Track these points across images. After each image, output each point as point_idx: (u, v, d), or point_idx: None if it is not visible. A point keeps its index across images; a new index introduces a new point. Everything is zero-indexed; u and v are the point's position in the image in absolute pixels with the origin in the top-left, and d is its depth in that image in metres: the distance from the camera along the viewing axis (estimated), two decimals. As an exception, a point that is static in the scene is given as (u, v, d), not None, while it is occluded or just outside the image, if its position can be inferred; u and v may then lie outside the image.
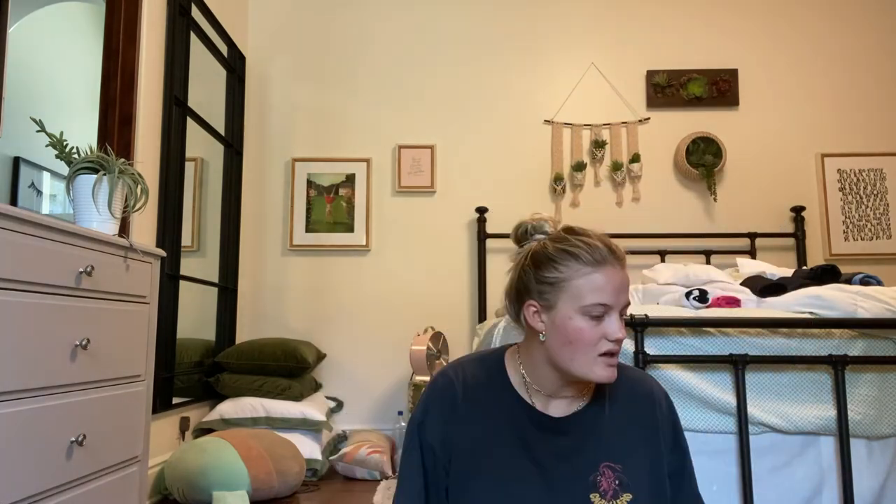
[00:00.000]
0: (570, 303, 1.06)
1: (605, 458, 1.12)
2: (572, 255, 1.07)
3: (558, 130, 3.88)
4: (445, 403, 1.15)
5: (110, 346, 1.71)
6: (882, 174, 3.84)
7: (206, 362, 3.25)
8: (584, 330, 1.06)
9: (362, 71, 3.92)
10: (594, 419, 1.15)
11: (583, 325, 1.06)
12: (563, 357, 1.08)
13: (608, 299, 1.05)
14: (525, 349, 1.17)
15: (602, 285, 1.05)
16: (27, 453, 1.38)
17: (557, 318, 1.08)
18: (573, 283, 1.06)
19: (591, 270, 1.06)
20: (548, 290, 1.09)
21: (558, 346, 1.08)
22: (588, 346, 1.06)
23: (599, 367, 1.07)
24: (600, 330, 1.06)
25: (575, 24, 3.98)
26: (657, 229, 3.80)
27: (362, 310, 3.75)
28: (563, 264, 1.08)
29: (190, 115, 3.06)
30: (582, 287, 1.06)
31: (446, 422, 1.14)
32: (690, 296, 1.97)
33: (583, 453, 1.12)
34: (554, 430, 1.14)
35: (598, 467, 1.12)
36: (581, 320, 1.06)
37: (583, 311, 1.06)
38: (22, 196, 2.43)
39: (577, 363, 1.07)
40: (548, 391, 1.15)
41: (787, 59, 3.97)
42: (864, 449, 1.79)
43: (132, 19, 2.56)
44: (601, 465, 1.12)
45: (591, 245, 1.07)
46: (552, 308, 1.08)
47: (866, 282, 2.15)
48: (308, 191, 3.80)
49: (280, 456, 2.60)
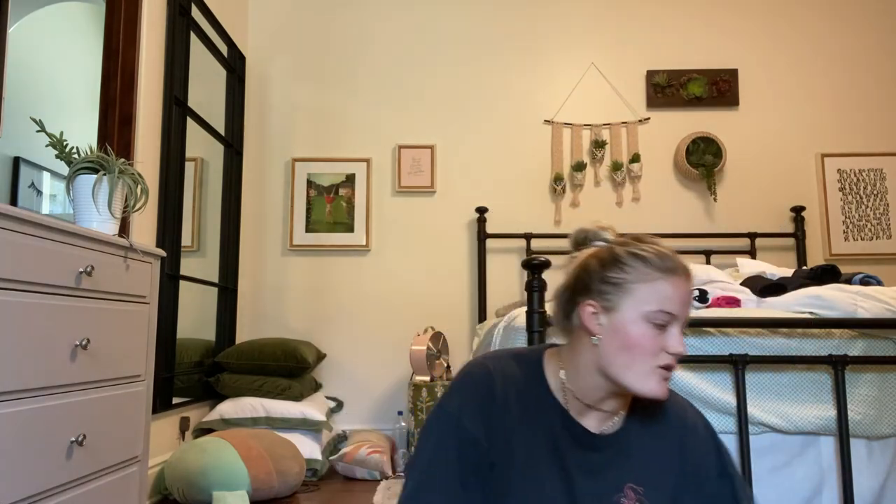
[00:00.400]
0: (635, 307, 1.02)
1: (630, 480, 1.09)
2: (642, 259, 1.04)
3: (558, 130, 3.88)
4: (485, 395, 1.08)
5: (110, 346, 1.71)
6: (882, 174, 3.84)
7: (206, 362, 3.25)
8: (645, 336, 1.02)
9: (362, 71, 3.92)
10: (625, 439, 1.12)
11: (645, 331, 1.02)
12: (618, 363, 1.03)
13: (674, 309, 1.02)
14: (569, 353, 1.12)
15: (670, 294, 1.02)
16: (27, 453, 1.38)
17: (618, 320, 1.03)
18: (640, 287, 1.03)
19: (660, 277, 1.03)
20: (611, 291, 1.05)
21: (614, 350, 1.03)
22: (647, 354, 1.02)
23: (654, 379, 1.02)
24: (661, 340, 1.02)
25: (575, 24, 3.98)
26: (657, 229, 3.80)
27: (362, 310, 3.75)
28: (631, 267, 1.04)
29: (190, 115, 3.06)
30: (649, 292, 1.02)
31: (487, 415, 1.07)
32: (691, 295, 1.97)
33: (609, 471, 1.09)
34: (587, 443, 1.10)
35: (622, 488, 1.09)
36: (644, 326, 1.02)
37: (647, 318, 1.02)
38: (22, 196, 2.43)
39: (632, 372, 1.02)
40: (588, 400, 1.09)
41: (787, 59, 3.97)
42: (864, 449, 1.79)
43: (132, 19, 2.56)
44: (625, 485, 1.09)
45: (662, 253, 1.05)
46: (613, 310, 1.04)
47: (866, 282, 2.15)
48: (308, 191, 3.80)
49: (280, 456, 2.60)
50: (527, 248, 3.75)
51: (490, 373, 1.10)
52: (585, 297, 1.07)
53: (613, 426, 1.12)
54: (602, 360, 1.05)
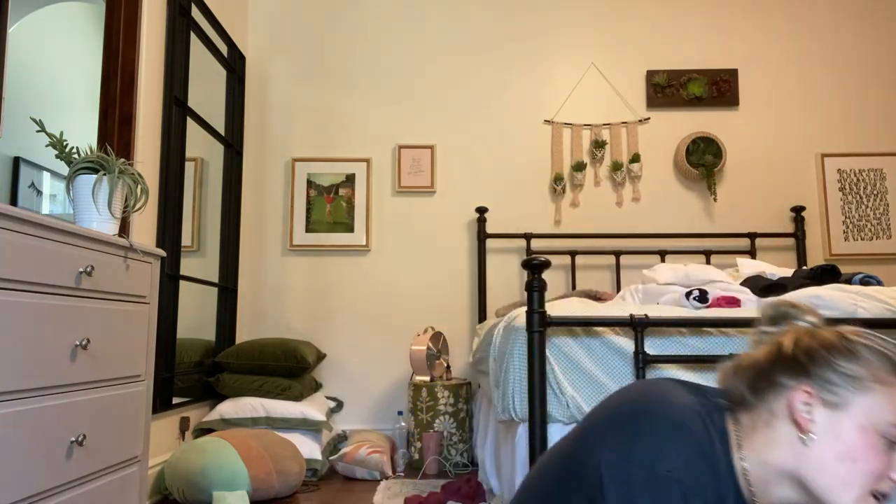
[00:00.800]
0: (870, 412, 0.84)
1: None
2: (888, 359, 0.86)
3: (558, 130, 3.88)
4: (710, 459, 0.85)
5: (110, 346, 1.71)
6: (882, 174, 3.84)
7: (206, 362, 3.25)
8: (874, 449, 0.83)
9: (362, 71, 3.92)
10: None
11: (876, 445, 0.83)
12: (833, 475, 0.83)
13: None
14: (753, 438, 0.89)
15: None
16: (27, 453, 1.38)
17: (845, 422, 0.84)
18: (881, 389, 0.84)
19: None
20: (840, 384, 0.85)
21: (832, 458, 0.83)
22: (871, 473, 0.82)
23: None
24: (888, 462, 0.83)
25: (575, 24, 3.98)
26: (657, 229, 3.80)
27: (362, 310, 3.75)
28: (872, 363, 0.86)
29: (190, 115, 3.06)
30: (891, 399, 0.84)
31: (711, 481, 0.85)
32: (690, 296, 1.97)
33: None
34: None
35: None
36: (875, 438, 0.83)
37: (881, 430, 0.83)
38: (22, 196, 2.43)
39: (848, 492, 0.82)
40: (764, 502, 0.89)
41: (787, 59, 3.97)
42: (864, 449, 1.79)
43: (132, 19, 2.56)
44: None
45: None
46: (838, 407, 0.85)
47: (866, 282, 2.15)
48: (308, 191, 3.80)
49: (280, 456, 2.60)
50: (527, 248, 3.75)
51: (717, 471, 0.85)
52: (800, 381, 0.88)
53: None
54: (808, 466, 0.84)
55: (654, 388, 0.93)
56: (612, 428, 0.88)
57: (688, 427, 0.84)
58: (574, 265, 3.70)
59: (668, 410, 0.86)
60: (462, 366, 3.71)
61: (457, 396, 3.22)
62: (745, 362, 0.95)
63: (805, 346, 0.89)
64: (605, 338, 1.83)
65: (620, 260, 3.77)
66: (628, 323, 1.76)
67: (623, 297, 2.40)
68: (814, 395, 0.86)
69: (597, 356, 1.83)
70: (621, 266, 3.78)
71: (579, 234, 3.73)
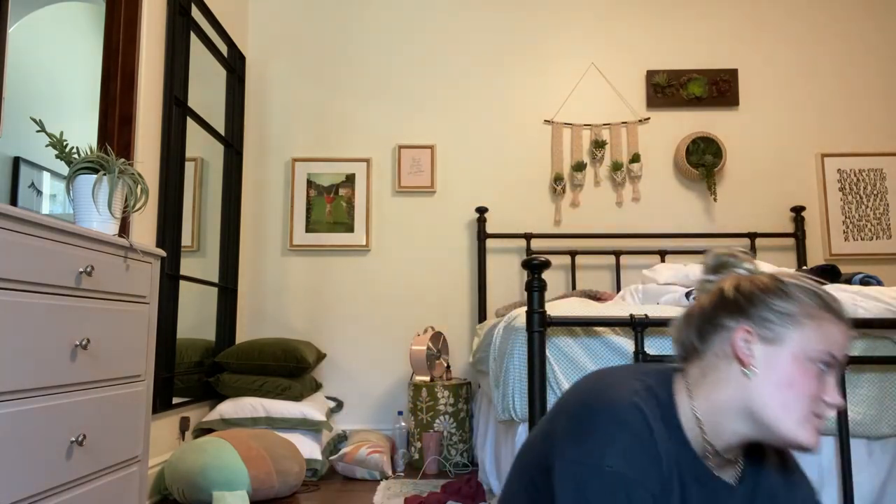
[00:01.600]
0: (802, 343, 0.93)
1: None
2: (814, 296, 0.95)
3: (558, 130, 3.88)
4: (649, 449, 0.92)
5: (110, 346, 1.71)
6: (882, 174, 3.84)
7: (206, 362, 3.25)
8: (808, 374, 0.92)
9: (362, 71, 3.93)
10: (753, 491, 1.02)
11: (809, 371, 0.93)
12: (774, 402, 0.92)
13: (840, 355, 0.94)
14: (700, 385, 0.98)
15: (838, 338, 0.94)
16: (27, 453, 1.38)
17: (781, 354, 0.94)
18: (810, 323, 0.94)
19: (830, 317, 0.94)
20: (775, 321, 0.95)
21: (772, 387, 0.93)
22: (808, 396, 0.92)
23: (809, 428, 0.92)
24: (820, 386, 0.93)
25: (575, 24, 3.98)
26: (657, 229, 3.80)
27: (362, 310, 3.75)
28: (803, 300, 0.95)
29: (190, 115, 3.06)
30: (819, 330, 0.93)
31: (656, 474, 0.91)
32: (690, 296, 1.97)
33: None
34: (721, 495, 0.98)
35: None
36: (808, 365, 0.93)
37: (812, 357, 0.93)
38: (22, 196, 2.43)
39: (790, 415, 0.92)
40: (719, 444, 0.96)
41: (787, 59, 3.97)
42: (864, 449, 1.79)
43: (132, 19, 2.56)
44: None
45: (833, 297, 0.97)
46: (775, 341, 0.94)
47: (866, 282, 2.15)
48: (308, 191, 3.80)
49: (280, 456, 2.60)
50: (527, 248, 3.75)
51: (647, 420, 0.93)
52: (739, 321, 0.96)
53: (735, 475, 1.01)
54: (753, 397, 0.94)
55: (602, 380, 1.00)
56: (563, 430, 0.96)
57: (627, 422, 0.91)
58: (574, 265, 3.70)
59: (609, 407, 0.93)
60: (462, 366, 3.71)
61: (457, 396, 3.22)
62: (693, 311, 1.03)
63: (744, 289, 0.98)
64: (605, 338, 1.83)
65: (620, 260, 3.77)
66: (628, 323, 1.76)
67: (623, 297, 2.40)
68: (753, 332, 0.95)
69: (597, 356, 1.83)
70: (621, 266, 3.78)
71: (579, 234, 3.73)
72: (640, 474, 0.89)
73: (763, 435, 0.95)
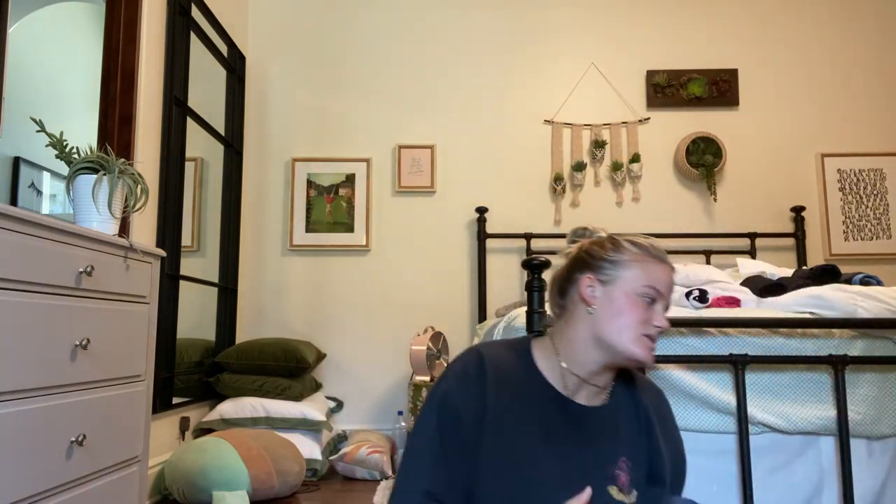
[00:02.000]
0: (630, 281, 1.17)
1: (623, 453, 1.18)
2: (638, 246, 1.20)
3: (558, 130, 3.88)
4: (476, 381, 1.16)
5: (110, 346, 1.71)
6: (882, 174, 3.84)
7: (206, 362, 3.25)
8: (636, 305, 1.16)
9: (362, 71, 3.92)
10: (615, 413, 1.21)
11: (636, 302, 1.16)
12: (612, 328, 1.15)
13: (662, 288, 1.17)
14: (563, 331, 1.22)
15: (659, 276, 1.18)
16: (27, 453, 1.38)
17: (615, 291, 1.17)
18: (635, 266, 1.18)
19: (652, 261, 1.19)
20: (608, 267, 1.19)
21: (609, 317, 1.16)
22: (636, 322, 1.15)
23: (642, 345, 1.15)
24: (647, 314, 1.16)
25: (575, 24, 3.98)
26: (657, 229, 3.80)
27: (362, 310, 3.75)
28: (629, 250, 1.19)
29: (190, 115, 3.06)
30: (643, 271, 1.17)
31: (476, 396, 1.15)
32: (690, 296, 1.97)
33: (603, 445, 1.17)
34: (579, 418, 1.18)
35: (616, 461, 1.17)
36: (635, 298, 1.16)
37: (638, 292, 1.16)
38: (22, 196, 2.43)
39: (624, 336, 1.14)
40: (583, 373, 1.19)
41: (787, 59, 3.97)
42: (864, 449, 1.79)
43: (132, 19, 2.56)
44: (619, 458, 1.17)
45: (654, 245, 1.21)
46: (609, 283, 1.18)
47: (866, 282, 2.15)
48: (308, 191, 3.80)
49: (280, 456, 2.60)
50: (527, 248, 3.75)
51: (482, 357, 1.19)
52: (584, 273, 1.21)
53: (603, 401, 1.22)
54: (597, 327, 1.17)
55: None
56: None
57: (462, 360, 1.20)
58: (574, 265, 3.69)
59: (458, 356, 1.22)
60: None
61: (457, 396, 3.22)
62: (556, 273, 1.29)
63: (587, 249, 1.24)
64: (605, 338, 1.83)
65: (620, 260, 3.76)
66: (628, 323, 1.76)
67: (623, 297, 2.39)
68: (593, 278, 1.20)
69: (597, 356, 1.83)
70: (621, 266, 3.78)
71: (579, 234, 3.73)
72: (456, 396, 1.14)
73: (612, 357, 1.17)
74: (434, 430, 1.14)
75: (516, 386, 1.18)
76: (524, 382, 1.19)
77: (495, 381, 1.17)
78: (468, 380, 1.17)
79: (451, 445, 1.13)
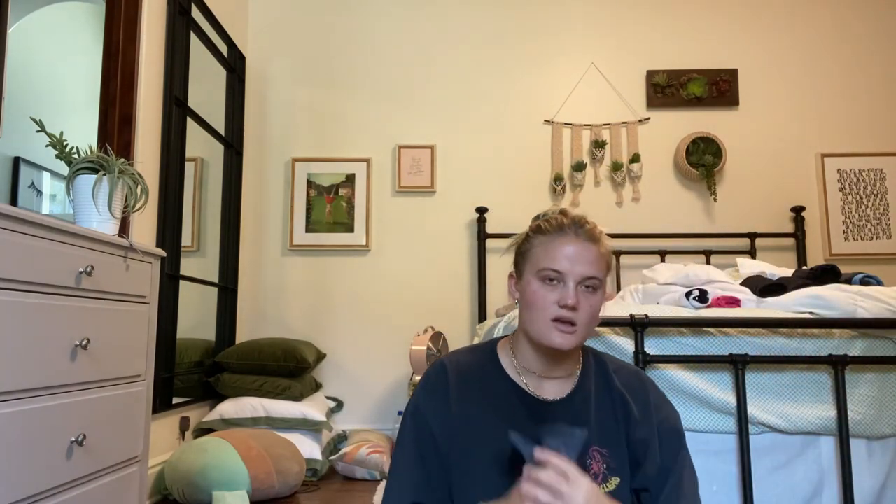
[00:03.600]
0: (531, 269, 1.16)
1: (594, 442, 1.16)
2: (539, 228, 1.18)
3: (558, 130, 3.88)
4: (440, 389, 1.20)
5: (110, 346, 1.71)
6: (882, 174, 3.84)
7: (206, 362, 3.25)
8: (538, 293, 1.14)
9: (362, 71, 3.92)
10: (583, 403, 1.20)
11: (537, 289, 1.14)
12: (527, 321, 1.15)
13: (561, 266, 1.13)
14: (516, 331, 1.24)
15: (555, 253, 1.13)
16: (27, 453, 1.38)
17: (523, 283, 1.18)
18: (533, 251, 1.17)
19: (547, 239, 1.16)
20: (519, 261, 1.21)
21: (522, 310, 1.17)
22: (541, 309, 1.13)
23: (553, 332, 1.12)
24: (554, 296, 1.13)
25: (575, 24, 3.98)
26: (657, 229, 3.80)
27: (362, 310, 3.75)
28: (532, 236, 1.19)
29: (190, 115, 3.05)
30: (539, 253, 1.16)
31: (442, 405, 1.18)
32: (690, 296, 1.97)
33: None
34: (544, 412, 1.18)
35: (587, 450, 1.15)
36: (537, 284, 1.14)
37: (538, 276, 1.14)
38: (22, 196, 2.43)
39: (534, 326, 1.13)
40: (536, 369, 1.20)
41: (787, 59, 3.97)
42: (864, 449, 1.79)
43: (132, 19, 2.56)
44: (591, 448, 1.16)
45: (550, 218, 1.19)
46: (521, 276, 1.20)
47: (866, 282, 2.15)
48: (308, 191, 3.80)
49: (280, 456, 2.60)
50: (527, 248, 3.75)
51: (444, 368, 1.22)
52: (512, 272, 1.25)
53: (568, 392, 1.21)
54: (522, 323, 1.18)
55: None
56: None
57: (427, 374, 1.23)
58: (574, 265, 3.69)
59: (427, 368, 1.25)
60: (462, 366, 3.71)
61: (457, 396, 3.22)
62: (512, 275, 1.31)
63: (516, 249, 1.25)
64: (605, 338, 1.83)
65: (620, 260, 3.77)
66: (628, 323, 1.76)
67: (623, 297, 2.40)
68: (513, 275, 1.24)
69: (597, 356, 1.83)
70: (621, 266, 3.78)
71: (579, 234, 3.72)
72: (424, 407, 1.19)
73: (539, 347, 1.17)
74: (411, 443, 1.18)
75: (480, 388, 1.20)
76: (489, 384, 1.20)
77: (457, 386, 1.19)
78: (433, 389, 1.20)
79: (428, 455, 1.16)
